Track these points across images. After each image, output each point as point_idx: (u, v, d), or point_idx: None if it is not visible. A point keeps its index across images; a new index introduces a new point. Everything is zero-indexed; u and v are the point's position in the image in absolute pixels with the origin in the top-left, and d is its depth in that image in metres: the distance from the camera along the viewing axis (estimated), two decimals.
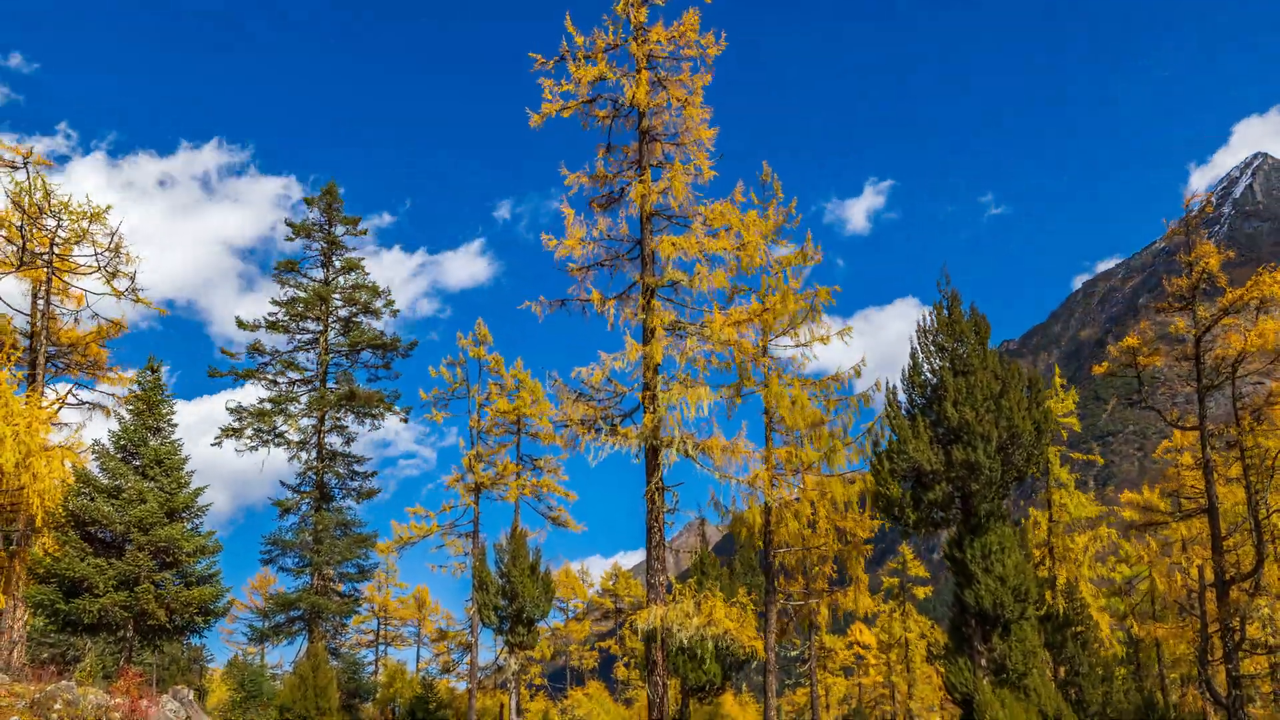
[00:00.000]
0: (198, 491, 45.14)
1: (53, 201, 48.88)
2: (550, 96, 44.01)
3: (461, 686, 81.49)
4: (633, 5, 43.93)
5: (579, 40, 44.37)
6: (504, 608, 55.77)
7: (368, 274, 68.22)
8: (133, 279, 51.20)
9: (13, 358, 49.13)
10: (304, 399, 65.10)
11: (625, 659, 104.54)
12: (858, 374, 52.21)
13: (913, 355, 43.77)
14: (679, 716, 56.49)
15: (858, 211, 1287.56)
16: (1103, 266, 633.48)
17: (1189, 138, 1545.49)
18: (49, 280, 49.66)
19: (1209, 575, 51.15)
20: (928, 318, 43.62)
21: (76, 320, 52.44)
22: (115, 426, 46.55)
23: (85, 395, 53.72)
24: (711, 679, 58.35)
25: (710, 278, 43.15)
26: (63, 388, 52.91)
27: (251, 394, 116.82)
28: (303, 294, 66.07)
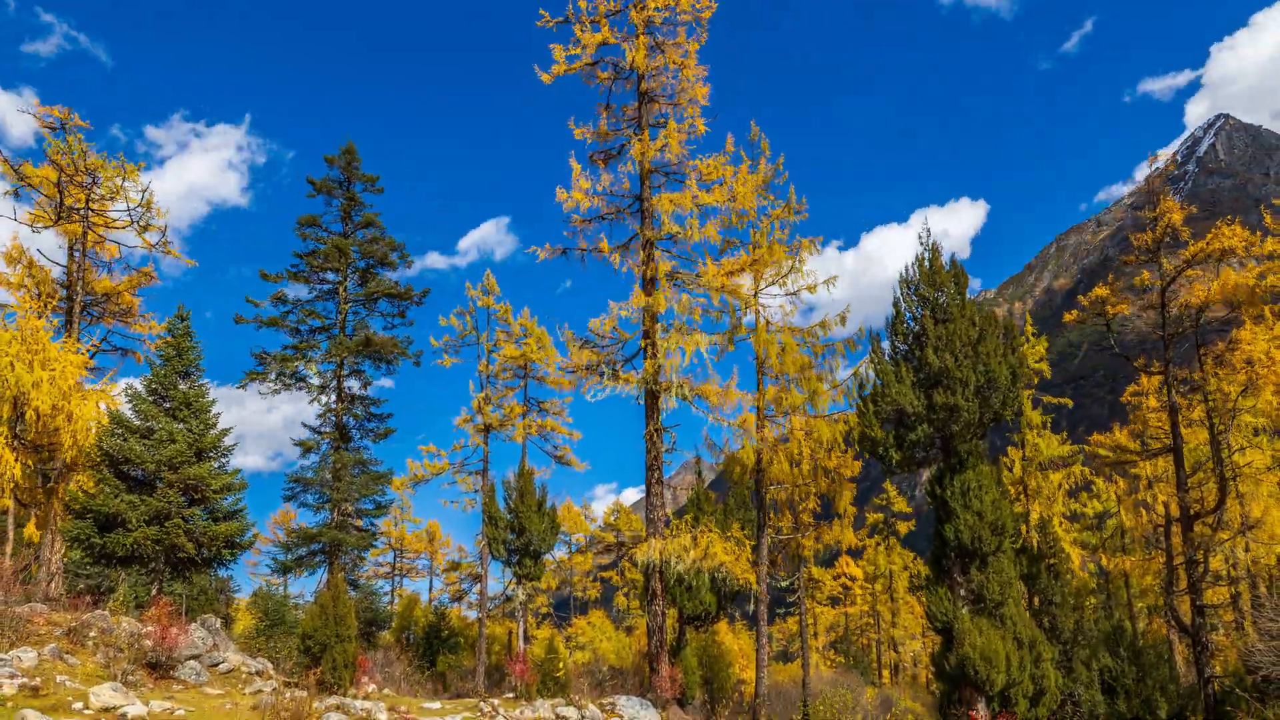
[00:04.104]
0: (224, 432, 45.19)
1: (89, 160, 49.00)
2: (559, 59, 44.25)
3: (472, 615, 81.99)
4: None
5: (582, 5, 44.40)
6: (512, 541, 55.88)
7: (384, 228, 68.18)
8: (163, 232, 51.33)
9: (49, 306, 49.26)
10: (324, 345, 65.09)
11: (626, 590, 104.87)
12: (843, 321, 52.31)
13: (895, 304, 43.73)
14: (676, 644, 56.70)
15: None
16: (1076, 220, 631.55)
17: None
18: (85, 234, 49.78)
19: (1174, 511, 51.26)
20: (910, 269, 43.59)
21: (110, 271, 52.69)
22: (146, 371, 46.60)
23: (118, 341, 54.03)
24: (707, 609, 58.55)
25: (704, 230, 43.32)
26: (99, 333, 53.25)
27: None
28: (323, 247, 66.01)
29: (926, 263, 43.33)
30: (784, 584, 71.77)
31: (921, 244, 43.93)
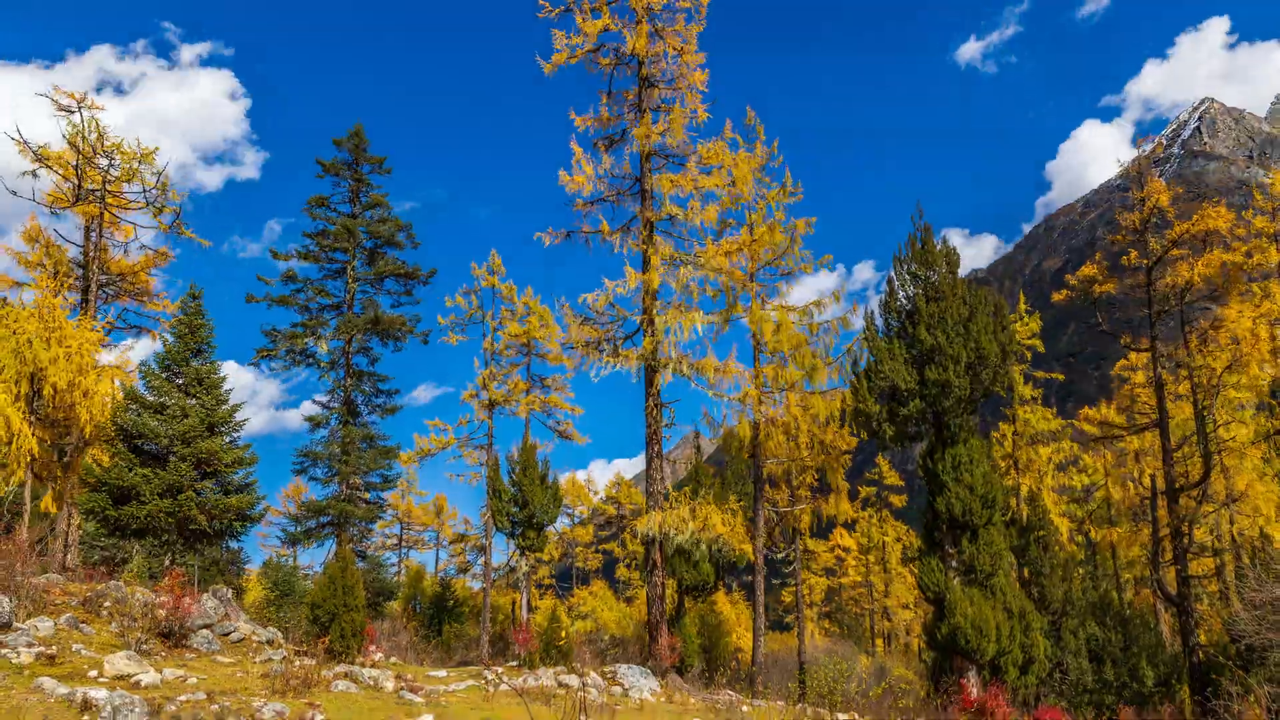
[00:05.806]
0: (235, 408, 45.24)
1: (106, 143, 49.02)
2: (560, 47, 44.25)
3: (477, 585, 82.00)
4: None
5: None
6: (516, 514, 55.95)
7: (391, 209, 68.14)
8: (178, 214, 51.36)
9: (66, 284, 49.26)
10: (333, 323, 65.05)
11: (626, 561, 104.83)
12: (837, 299, 52.36)
13: (889, 283, 43.73)
14: (676, 613, 56.78)
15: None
16: (1065, 202, 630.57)
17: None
18: (101, 215, 49.78)
19: (1160, 484, 51.30)
20: (903, 249, 43.57)
21: (126, 251, 52.72)
22: (160, 348, 46.63)
23: (133, 319, 54.04)
24: (705, 579, 58.62)
25: (704, 212, 43.36)
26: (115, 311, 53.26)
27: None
28: (332, 227, 65.94)
29: (919, 242, 43.32)
30: (780, 555, 71.87)
31: (914, 224, 43.92)
